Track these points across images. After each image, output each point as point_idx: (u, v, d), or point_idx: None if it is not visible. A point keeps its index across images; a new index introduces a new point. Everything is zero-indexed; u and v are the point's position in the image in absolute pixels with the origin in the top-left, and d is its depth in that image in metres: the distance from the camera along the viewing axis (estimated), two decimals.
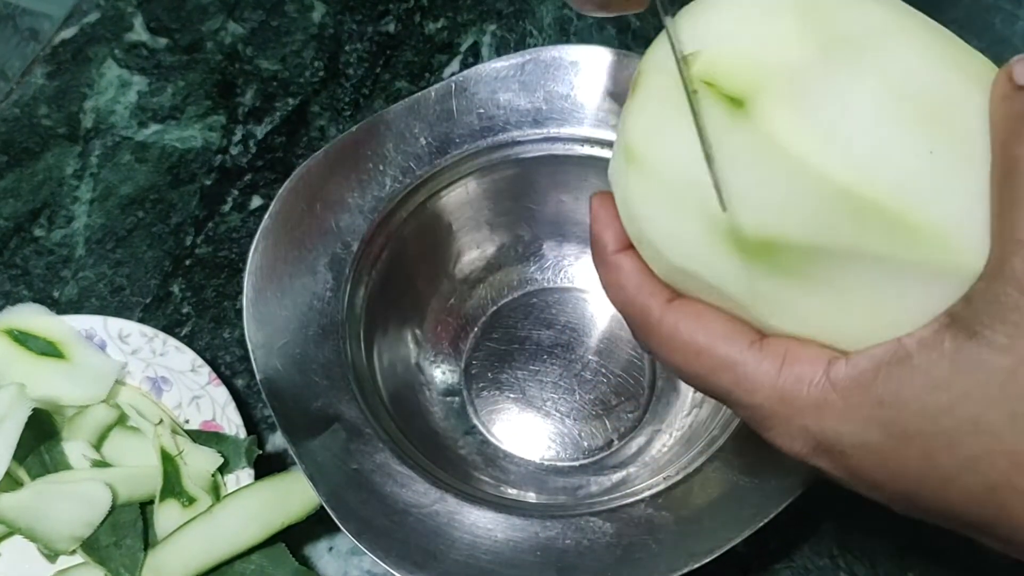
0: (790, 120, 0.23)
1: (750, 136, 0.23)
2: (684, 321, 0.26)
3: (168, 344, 0.45)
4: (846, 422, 0.23)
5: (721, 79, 0.23)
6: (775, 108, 0.23)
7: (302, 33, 0.60)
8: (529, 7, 0.60)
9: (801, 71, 0.23)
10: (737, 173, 0.23)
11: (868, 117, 0.22)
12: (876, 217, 0.22)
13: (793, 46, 0.23)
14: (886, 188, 0.22)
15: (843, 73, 0.23)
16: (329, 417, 0.38)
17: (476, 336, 0.47)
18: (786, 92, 0.23)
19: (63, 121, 0.56)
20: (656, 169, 0.25)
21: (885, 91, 0.23)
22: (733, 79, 0.23)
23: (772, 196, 0.23)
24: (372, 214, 0.43)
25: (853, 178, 0.22)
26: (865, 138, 0.22)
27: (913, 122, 0.22)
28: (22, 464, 0.42)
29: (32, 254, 0.52)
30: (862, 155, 0.22)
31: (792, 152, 0.22)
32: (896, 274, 0.23)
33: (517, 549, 0.35)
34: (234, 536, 0.39)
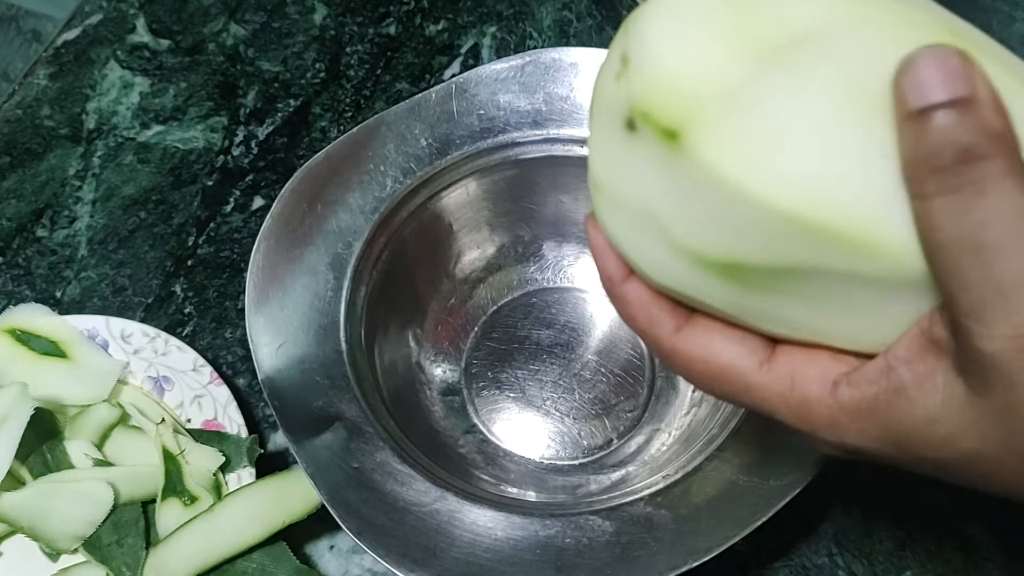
0: (725, 149, 0.22)
1: (689, 168, 0.22)
2: (693, 351, 0.26)
3: (170, 344, 0.45)
4: (861, 439, 0.24)
5: (655, 111, 0.22)
6: (708, 138, 0.22)
7: (303, 35, 0.60)
8: (529, 9, 0.60)
9: (735, 91, 0.22)
10: (686, 203, 0.23)
11: (808, 132, 0.21)
12: (826, 239, 0.21)
13: (726, 62, 0.22)
14: (831, 209, 0.21)
15: (780, 86, 0.21)
16: (330, 416, 0.38)
17: (476, 335, 0.47)
18: (719, 118, 0.22)
19: (66, 122, 0.57)
20: (617, 198, 0.25)
21: (829, 97, 0.21)
22: (666, 111, 0.22)
23: (722, 225, 0.23)
24: (373, 214, 0.43)
25: (795, 203, 0.21)
26: (806, 157, 0.21)
27: (863, 127, 0.21)
28: (24, 463, 0.42)
29: (35, 254, 0.52)
30: (803, 177, 0.21)
31: (730, 183, 0.22)
32: (866, 285, 0.22)
33: (517, 547, 0.35)
34: (235, 535, 0.39)
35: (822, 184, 0.21)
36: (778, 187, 0.21)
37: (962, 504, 0.43)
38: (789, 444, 0.36)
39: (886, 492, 0.43)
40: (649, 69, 0.23)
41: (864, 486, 0.43)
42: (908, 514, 0.42)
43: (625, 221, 0.25)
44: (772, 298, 0.24)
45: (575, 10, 0.60)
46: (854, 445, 0.24)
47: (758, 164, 0.21)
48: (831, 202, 0.21)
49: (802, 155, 0.21)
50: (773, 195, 0.21)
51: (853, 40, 0.22)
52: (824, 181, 0.21)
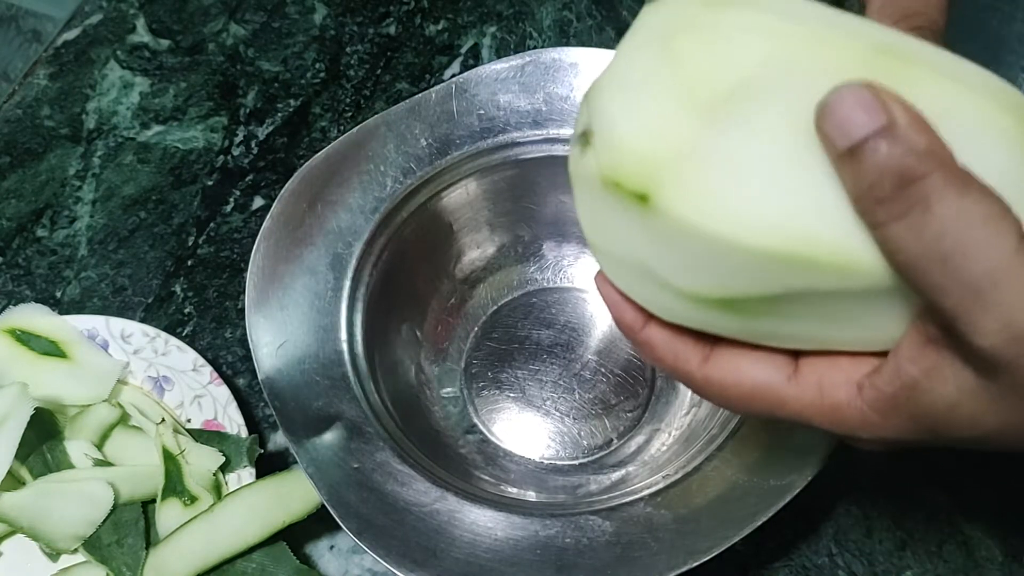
0: (692, 202, 0.23)
1: (665, 225, 0.24)
2: (725, 377, 0.27)
3: (170, 344, 0.45)
4: (897, 432, 0.25)
5: (623, 180, 0.24)
6: (676, 195, 0.23)
7: (303, 35, 0.60)
8: (529, 9, 0.60)
9: (692, 147, 0.23)
10: (671, 254, 0.24)
11: (764, 171, 0.22)
12: (802, 266, 0.23)
13: (679, 121, 0.23)
14: (799, 239, 0.22)
15: (731, 134, 0.23)
16: (330, 416, 0.38)
17: (476, 336, 0.47)
18: (682, 175, 0.23)
19: (66, 122, 0.57)
20: (612, 255, 0.27)
21: (777, 136, 0.22)
22: (633, 177, 0.24)
23: (709, 268, 0.24)
24: (373, 214, 0.43)
25: (765, 239, 0.22)
26: (767, 195, 0.22)
27: (813, 158, 0.22)
28: (24, 463, 0.42)
29: (35, 254, 0.52)
30: (768, 214, 0.22)
31: (704, 231, 0.23)
32: (856, 297, 0.24)
33: (517, 547, 0.35)
34: (235, 535, 0.39)
35: (786, 217, 0.22)
36: (747, 227, 0.23)
37: (962, 504, 0.43)
38: (789, 444, 0.36)
39: (886, 492, 0.43)
40: (610, 141, 0.24)
41: (864, 486, 0.43)
42: (908, 514, 0.43)
43: (625, 274, 0.27)
44: (777, 320, 0.25)
45: (575, 10, 0.60)
46: (892, 439, 0.25)
47: (725, 210, 0.23)
48: (798, 232, 0.22)
49: (763, 194, 0.22)
50: (744, 235, 0.23)
51: (790, 78, 0.23)
52: (787, 214, 0.22)
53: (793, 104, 0.22)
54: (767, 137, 0.22)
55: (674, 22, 0.24)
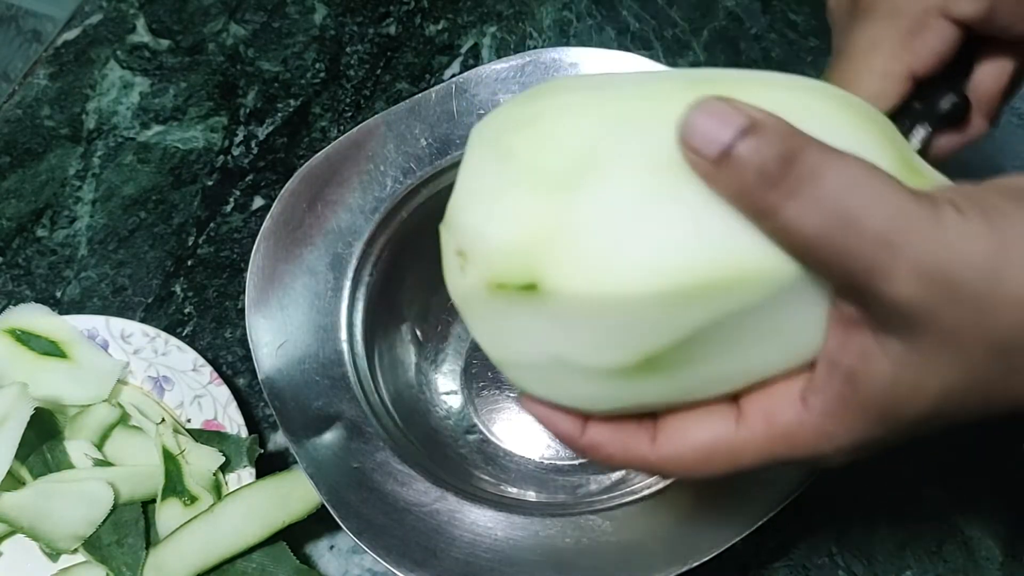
0: (578, 274, 0.23)
1: (560, 304, 0.24)
2: (676, 449, 0.27)
3: (170, 344, 0.45)
4: (853, 434, 0.25)
5: (507, 278, 0.24)
6: (560, 272, 0.24)
7: (303, 35, 0.60)
8: (529, 9, 0.60)
9: (557, 225, 0.24)
10: (577, 332, 0.24)
11: (631, 219, 0.23)
12: (702, 294, 0.23)
13: (536, 208, 0.24)
14: (690, 268, 0.23)
15: (588, 200, 0.23)
16: (330, 416, 0.38)
17: None
18: (559, 251, 0.24)
19: (66, 122, 0.57)
20: (523, 365, 0.27)
21: (631, 184, 0.23)
22: (514, 273, 0.24)
23: (617, 334, 0.24)
24: (373, 214, 0.43)
25: (660, 281, 0.23)
26: (642, 239, 0.23)
27: (671, 193, 0.23)
28: (24, 463, 0.42)
29: (35, 254, 0.52)
30: (651, 256, 0.23)
31: (600, 296, 0.23)
32: (767, 309, 0.24)
33: (517, 547, 0.35)
34: (235, 535, 0.39)
35: (667, 253, 0.23)
36: (635, 276, 0.23)
37: (962, 504, 0.43)
38: None
39: (886, 492, 0.43)
40: (482, 248, 0.25)
41: (864, 486, 0.43)
42: (908, 514, 0.43)
43: (543, 379, 0.27)
44: (704, 364, 0.25)
45: (575, 10, 0.60)
46: (853, 442, 0.25)
47: (609, 268, 0.23)
48: (683, 263, 0.23)
49: (637, 240, 0.23)
50: (635, 286, 0.23)
51: (623, 132, 0.24)
52: (666, 249, 0.23)
53: (635, 152, 0.23)
54: (621, 188, 0.23)
55: (499, 127, 0.26)
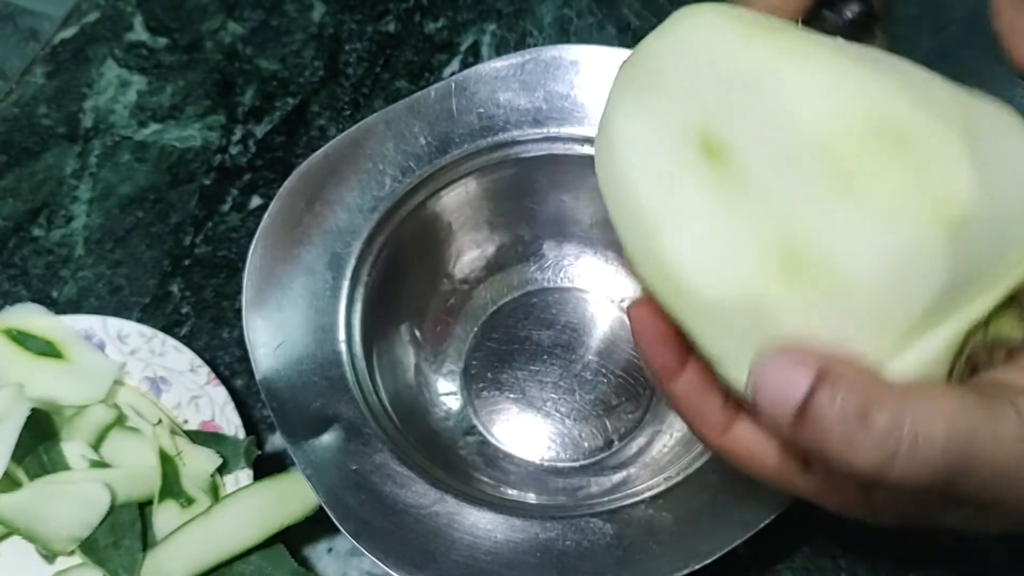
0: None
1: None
2: (739, 451, 0.27)
3: (167, 344, 0.45)
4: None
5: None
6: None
7: (302, 33, 0.60)
8: (529, 7, 0.60)
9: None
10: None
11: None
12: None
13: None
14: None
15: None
16: (328, 417, 0.38)
17: (476, 336, 0.47)
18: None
19: (62, 121, 0.56)
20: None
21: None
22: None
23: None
24: (372, 214, 0.43)
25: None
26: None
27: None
28: (20, 464, 0.42)
29: (31, 254, 0.52)
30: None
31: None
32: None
33: (517, 550, 0.35)
34: (233, 537, 0.39)
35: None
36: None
37: None
38: None
39: None
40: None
41: None
42: None
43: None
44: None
45: (575, 7, 0.60)
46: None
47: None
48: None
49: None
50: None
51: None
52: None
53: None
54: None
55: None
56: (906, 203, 0.22)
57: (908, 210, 0.22)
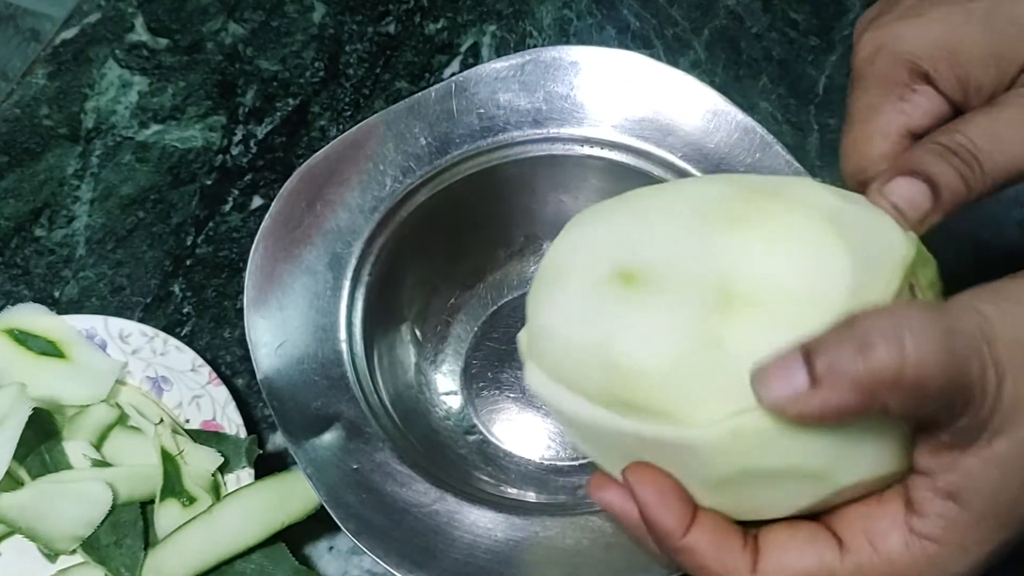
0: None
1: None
2: (780, 570, 0.26)
3: (168, 344, 0.45)
4: (970, 554, 0.24)
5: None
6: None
7: (302, 34, 0.60)
8: (529, 8, 0.60)
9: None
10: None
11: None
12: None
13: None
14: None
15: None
16: (329, 417, 0.38)
17: (476, 336, 0.47)
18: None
19: (64, 121, 0.56)
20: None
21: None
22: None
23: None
24: (372, 214, 0.43)
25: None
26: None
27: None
28: (23, 463, 0.42)
29: (33, 254, 0.52)
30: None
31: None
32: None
33: (517, 548, 0.35)
34: (234, 536, 0.39)
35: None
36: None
37: None
38: None
39: None
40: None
41: None
42: None
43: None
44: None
45: (575, 8, 0.60)
46: (974, 562, 0.25)
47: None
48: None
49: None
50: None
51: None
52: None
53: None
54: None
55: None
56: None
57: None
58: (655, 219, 0.28)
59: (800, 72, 0.57)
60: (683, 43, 0.57)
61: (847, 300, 0.24)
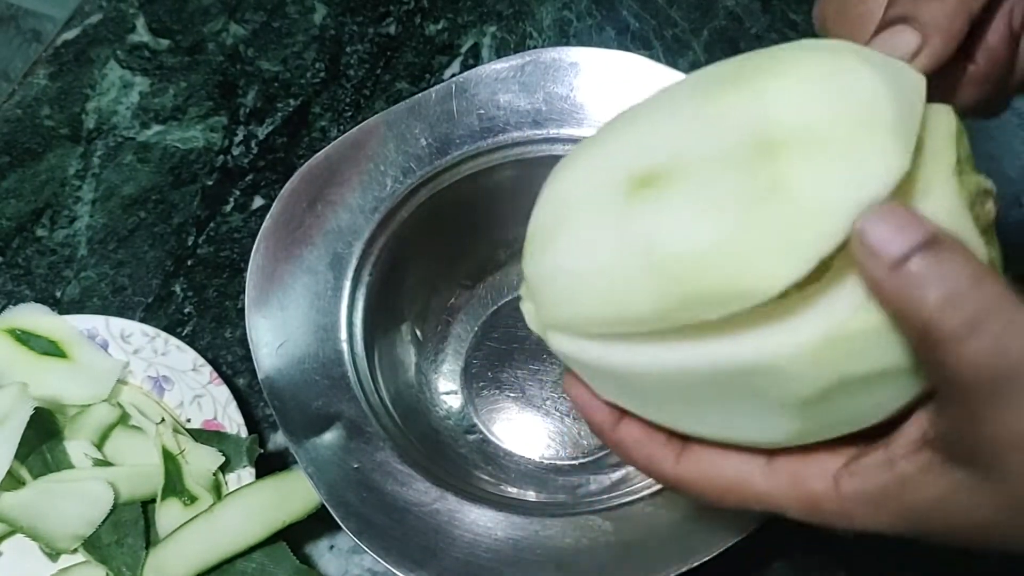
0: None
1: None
2: (697, 474, 0.28)
3: (170, 343, 0.45)
4: (874, 523, 0.25)
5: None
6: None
7: (303, 34, 0.60)
8: (529, 9, 0.60)
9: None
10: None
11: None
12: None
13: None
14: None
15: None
16: (330, 416, 0.38)
17: (476, 335, 0.47)
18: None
19: (65, 122, 0.57)
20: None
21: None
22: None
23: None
24: (373, 214, 0.43)
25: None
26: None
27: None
28: (24, 463, 0.42)
29: (34, 254, 0.52)
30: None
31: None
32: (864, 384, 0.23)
33: (517, 547, 0.35)
34: (235, 535, 0.39)
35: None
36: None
37: None
38: None
39: None
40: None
41: None
42: None
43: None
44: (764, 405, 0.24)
45: (575, 10, 0.60)
46: (870, 530, 0.25)
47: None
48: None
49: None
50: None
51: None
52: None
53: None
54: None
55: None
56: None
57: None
58: (648, 121, 0.25)
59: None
60: (682, 44, 0.57)
61: (896, 115, 0.22)
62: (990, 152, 0.53)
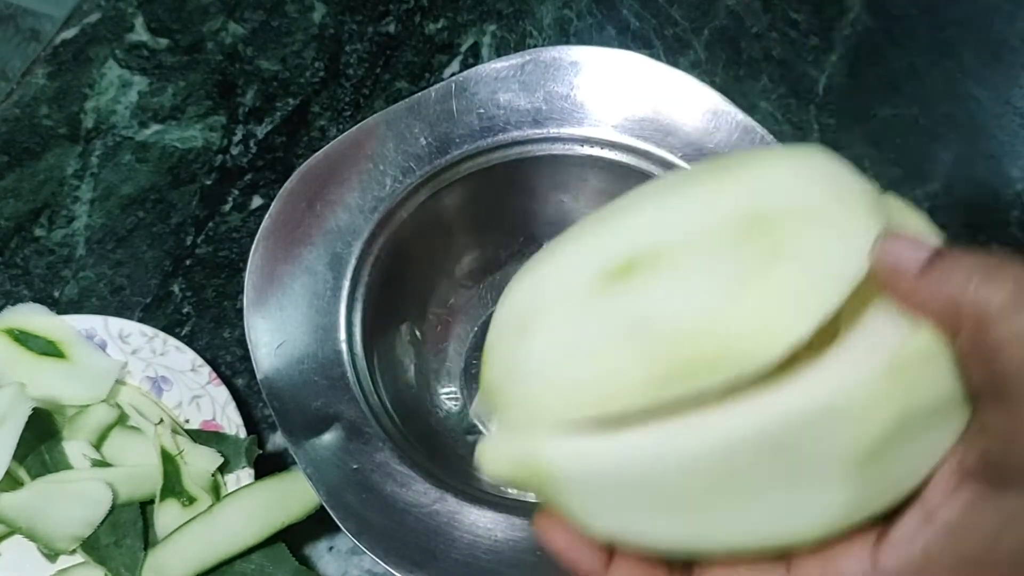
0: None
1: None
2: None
3: (168, 344, 0.45)
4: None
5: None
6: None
7: (302, 33, 0.60)
8: (529, 8, 0.60)
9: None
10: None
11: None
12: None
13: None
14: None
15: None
16: (329, 417, 0.38)
17: (476, 335, 0.47)
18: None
19: (64, 121, 0.56)
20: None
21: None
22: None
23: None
24: (372, 214, 0.43)
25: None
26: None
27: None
28: (22, 464, 0.42)
29: (33, 254, 0.52)
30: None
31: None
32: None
33: (517, 549, 0.35)
34: (234, 536, 0.39)
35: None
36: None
37: None
38: None
39: None
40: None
41: None
42: None
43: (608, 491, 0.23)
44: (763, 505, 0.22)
45: (575, 8, 0.60)
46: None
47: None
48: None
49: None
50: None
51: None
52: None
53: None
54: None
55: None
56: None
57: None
58: (617, 220, 0.24)
59: (800, 72, 0.57)
60: (683, 43, 0.57)
61: (867, 187, 0.23)
62: (991, 152, 0.53)
